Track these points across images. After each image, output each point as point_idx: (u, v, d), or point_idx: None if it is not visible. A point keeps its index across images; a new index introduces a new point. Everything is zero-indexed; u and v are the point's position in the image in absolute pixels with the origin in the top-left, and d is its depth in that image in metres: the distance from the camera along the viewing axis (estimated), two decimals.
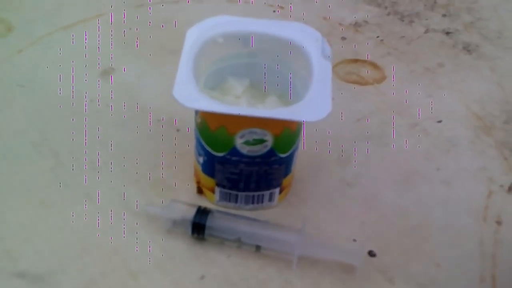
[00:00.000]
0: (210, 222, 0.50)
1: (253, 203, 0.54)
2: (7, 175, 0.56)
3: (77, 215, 0.53)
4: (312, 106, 0.46)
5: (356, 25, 0.80)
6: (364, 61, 0.74)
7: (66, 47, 0.72)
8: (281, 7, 0.81)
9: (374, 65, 0.73)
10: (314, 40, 0.52)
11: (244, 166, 0.50)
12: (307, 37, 0.52)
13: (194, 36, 0.51)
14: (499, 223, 0.56)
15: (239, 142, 0.48)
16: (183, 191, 0.56)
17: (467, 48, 0.77)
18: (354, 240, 0.53)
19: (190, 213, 0.51)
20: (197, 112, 0.50)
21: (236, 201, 0.54)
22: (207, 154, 0.51)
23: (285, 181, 0.54)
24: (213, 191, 0.54)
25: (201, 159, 0.52)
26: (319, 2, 0.84)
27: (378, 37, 0.78)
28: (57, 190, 0.55)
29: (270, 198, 0.54)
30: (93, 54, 0.70)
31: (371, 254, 0.52)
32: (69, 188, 0.55)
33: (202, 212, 0.51)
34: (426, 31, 0.80)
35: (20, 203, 0.54)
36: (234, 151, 0.49)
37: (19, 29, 0.74)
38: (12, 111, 0.63)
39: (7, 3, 0.78)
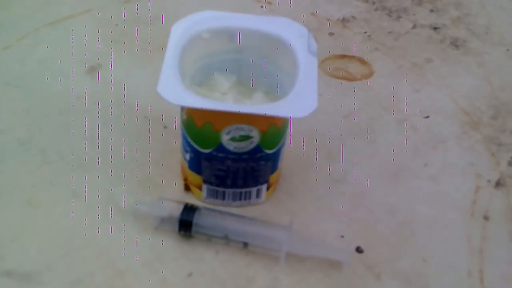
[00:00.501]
0: (197, 219, 0.50)
1: (240, 199, 0.54)
2: None
3: (64, 214, 0.53)
4: (298, 102, 0.46)
5: (344, 20, 0.80)
6: (352, 57, 0.73)
7: (53, 43, 0.71)
8: (269, 3, 0.81)
9: (362, 61, 0.73)
10: (300, 36, 0.52)
11: (231, 163, 0.50)
12: (293, 33, 0.52)
13: (179, 32, 0.51)
14: (486, 218, 0.56)
15: (225, 139, 0.48)
16: (170, 188, 0.56)
17: (455, 44, 0.77)
18: (342, 237, 0.53)
19: (177, 210, 0.51)
20: (183, 108, 0.49)
21: (223, 198, 0.54)
22: (193, 150, 0.50)
23: (272, 178, 0.54)
24: (200, 188, 0.54)
25: (187, 156, 0.52)
26: None
27: (365, 32, 0.78)
28: (44, 189, 0.55)
29: (258, 195, 0.54)
30: (80, 51, 0.70)
31: (359, 250, 0.52)
32: (56, 186, 0.55)
33: (189, 209, 0.51)
34: (414, 27, 0.80)
35: (6, 202, 0.54)
36: (221, 148, 0.49)
37: (5, 26, 0.73)
38: None
39: None
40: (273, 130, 0.49)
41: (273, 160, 0.52)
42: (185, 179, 0.55)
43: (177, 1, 0.80)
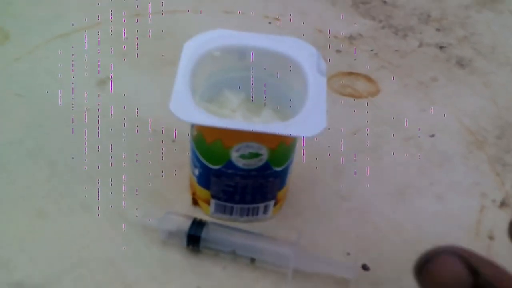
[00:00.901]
0: (205, 234, 0.51)
1: (248, 215, 0.54)
2: (3, 185, 0.56)
3: (73, 226, 0.53)
4: (307, 121, 0.47)
5: (351, 38, 0.81)
6: (358, 74, 0.74)
7: (64, 55, 0.72)
8: (277, 19, 0.82)
9: (368, 78, 0.74)
10: (310, 55, 0.52)
11: (240, 179, 0.51)
12: (302, 52, 0.53)
13: (191, 50, 0.52)
14: (491, 238, 0.56)
15: (234, 156, 0.49)
16: (178, 203, 0.56)
17: (461, 63, 0.78)
18: (348, 254, 0.54)
19: (186, 224, 0.51)
20: (193, 125, 0.50)
21: (231, 213, 0.54)
22: (202, 166, 0.51)
23: (280, 194, 0.54)
24: (208, 203, 0.54)
25: (196, 171, 0.52)
26: (314, 14, 0.84)
27: (372, 50, 0.79)
28: (54, 200, 0.55)
29: (265, 211, 0.55)
30: (91, 63, 0.71)
31: (365, 267, 0.53)
32: (66, 198, 0.56)
33: (198, 224, 0.51)
34: (420, 45, 0.81)
35: (16, 213, 0.54)
36: (230, 164, 0.50)
37: (16, 37, 0.74)
38: (9, 120, 0.63)
39: (4, 11, 0.78)
40: (282, 148, 0.50)
41: (281, 177, 0.52)
42: (194, 194, 0.55)
43: (188, 15, 0.80)
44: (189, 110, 0.46)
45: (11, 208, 0.55)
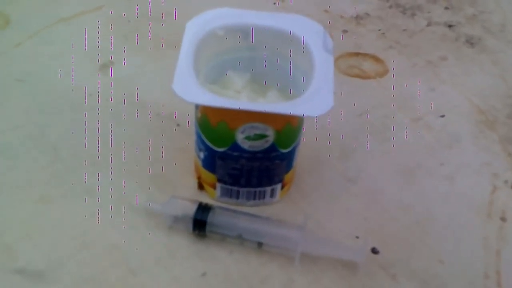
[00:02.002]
0: (211, 218, 0.50)
1: (254, 199, 0.53)
2: (6, 170, 0.56)
3: (76, 211, 0.53)
4: (314, 100, 0.46)
5: (358, 17, 0.79)
6: (365, 55, 0.73)
7: (65, 40, 0.71)
8: (282, 0, 0.81)
9: (376, 59, 0.72)
10: (315, 33, 0.51)
11: (245, 162, 0.50)
12: (308, 30, 0.51)
13: (193, 29, 0.51)
14: (503, 219, 0.55)
15: (240, 137, 0.48)
16: (183, 187, 0.55)
17: (470, 41, 0.77)
18: (357, 237, 0.53)
19: (191, 209, 0.50)
20: (197, 106, 0.49)
21: (237, 197, 0.53)
22: (207, 149, 0.50)
23: (287, 177, 0.53)
24: (214, 187, 0.53)
25: (201, 154, 0.51)
26: None
27: (379, 30, 0.77)
28: (57, 186, 0.55)
29: (272, 194, 0.53)
30: (92, 47, 0.70)
31: (374, 251, 0.52)
32: (68, 183, 0.55)
33: (203, 209, 0.50)
34: (428, 24, 0.79)
35: (19, 199, 0.53)
36: (235, 146, 0.48)
37: (17, 23, 0.73)
38: (11, 106, 0.62)
39: None
40: (289, 129, 0.49)
41: (288, 159, 0.51)
42: (199, 178, 0.54)
43: None
44: (193, 91, 0.45)
45: (14, 194, 0.54)
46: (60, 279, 0.48)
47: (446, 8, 0.83)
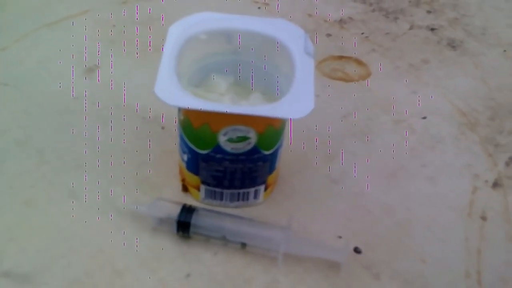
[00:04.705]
0: (195, 220, 0.50)
1: (238, 200, 0.54)
2: None
3: (62, 214, 0.53)
4: (295, 103, 0.46)
5: (341, 21, 0.80)
6: (349, 58, 0.74)
7: (51, 44, 0.71)
8: (266, 4, 0.81)
9: (359, 62, 0.73)
10: (297, 37, 0.52)
11: (228, 164, 0.50)
12: (290, 34, 0.52)
13: (176, 33, 0.51)
14: (484, 218, 0.56)
15: (222, 140, 0.48)
16: (168, 189, 0.56)
17: (452, 44, 0.78)
18: (340, 237, 0.53)
19: (175, 211, 0.51)
20: (180, 109, 0.50)
21: (221, 199, 0.54)
22: (191, 151, 0.51)
23: (270, 178, 0.54)
24: (198, 189, 0.54)
25: (185, 157, 0.52)
26: None
27: (363, 33, 0.78)
28: (42, 189, 0.55)
29: (255, 196, 0.54)
30: (79, 52, 0.70)
31: (357, 250, 0.52)
32: (54, 186, 0.55)
33: (187, 210, 0.51)
34: (411, 28, 0.80)
35: (4, 202, 0.54)
36: (218, 149, 0.49)
37: (3, 26, 0.73)
38: None
39: None
40: (271, 131, 0.49)
41: (270, 161, 0.52)
42: (183, 180, 0.55)
43: (176, 2, 0.80)
44: (174, 94, 0.46)
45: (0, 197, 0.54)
46: (46, 282, 0.48)
47: (429, 11, 0.84)
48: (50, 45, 0.71)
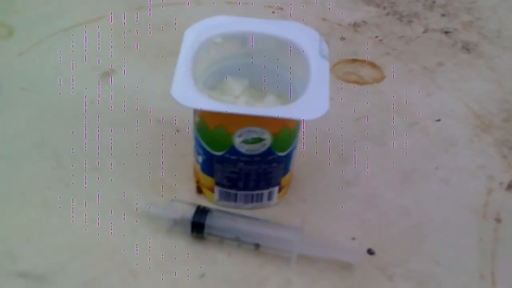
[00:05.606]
0: (209, 221, 0.51)
1: (252, 202, 0.54)
2: (9, 177, 0.57)
3: (77, 216, 0.53)
4: (310, 104, 0.46)
5: (355, 25, 0.80)
6: (363, 61, 0.74)
7: (67, 49, 0.72)
8: (280, 8, 0.82)
9: (373, 65, 0.73)
10: (312, 40, 0.52)
11: (243, 165, 0.51)
12: (304, 37, 0.52)
13: (192, 37, 0.52)
14: (498, 220, 0.56)
15: (237, 141, 0.49)
16: (183, 191, 0.56)
17: (466, 47, 0.77)
18: (353, 239, 0.53)
19: (190, 212, 0.51)
20: (195, 111, 0.50)
21: (235, 200, 0.54)
22: (206, 153, 0.51)
23: (284, 180, 0.54)
24: (212, 191, 0.54)
25: (200, 159, 0.52)
26: (318, 3, 0.84)
27: (377, 37, 0.78)
28: (58, 191, 0.55)
29: (269, 197, 0.54)
30: (93, 56, 0.71)
31: (370, 252, 0.52)
32: (69, 188, 0.56)
33: (202, 211, 0.51)
34: (425, 31, 0.80)
35: (21, 204, 0.54)
36: (233, 150, 0.49)
37: (20, 32, 0.74)
38: (14, 114, 0.63)
39: (8, 7, 0.79)
40: (285, 132, 0.49)
41: (285, 163, 0.52)
42: (198, 182, 0.55)
43: (190, 7, 0.81)
44: (190, 96, 0.46)
45: (16, 199, 0.55)
46: (61, 282, 0.49)
47: (443, 15, 0.84)
48: (66, 50, 0.72)
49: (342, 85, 0.70)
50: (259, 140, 0.49)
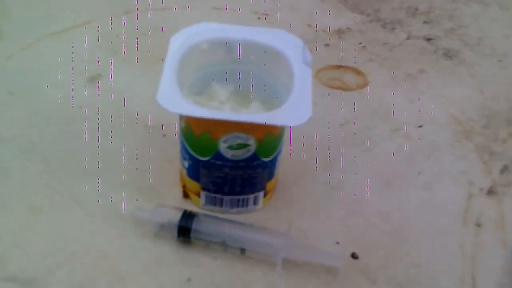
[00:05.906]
0: (195, 225, 0.51)
1: (238, 206, 0.55)
2: None
3: (66, 220, 0.54)
4: (293, 111, 0.47)
5: (340, 32, 0.81)
6: (347, 67, 0.75)
7: (55, 53, 0.72)
8: (266, 14, 0.83)
9: (357, 71, 0.74)
10: (296, 47, 0.53)
11: (229, 170, 0.51)
12: (288, 44, 0.53)
13: (178, 43, 0.52)
14: (478, 225, 0.57)
15: (223, 147, 0.49)
16: (169, 196, 0.57)
17: (448, 54, 0.79)
18: (337, 243, 0.54)
19: (176, 217, 0.52)
20: (181, 117, 0.51)
21: (221, 205, 0.55)
22: (191, 158, 0.52)
23: (269, 185, 0.55)
24: (198, 195, 0.55)
25: (186, 164, 0.53)
26: (303, 10, 0.85)
27: (360, 43, 0.79)
28: (46, 196, 0.56)
29: (255, 202, 0.55)
30: (81, 61, 0.71)
31: (354, 256, 0.53)
32: (58, 193, 0.56)
33: (188, 216, 0.52)
34: (408, 38, 0.81)
35: (9, 209, 0.55)
36: (218, 156, 0.50)
37: (8, 36, 0.75)
38: (1, 118, 0.63)
39: None
40: (270, 138, 0.50)
41: (269, 168, 0.53)
42: (184, 186, 0.56)
43: (177, 12, 0.81)
44: (176, 102, 0.47)
45: (5, 204, 0.55)
46: (50, 286, 0.49)
47: (425, 22, 0.85)
48: (54, 54, 0.72)
49: (328, 92, 0.70)
50: (244, 146, 0.49)
